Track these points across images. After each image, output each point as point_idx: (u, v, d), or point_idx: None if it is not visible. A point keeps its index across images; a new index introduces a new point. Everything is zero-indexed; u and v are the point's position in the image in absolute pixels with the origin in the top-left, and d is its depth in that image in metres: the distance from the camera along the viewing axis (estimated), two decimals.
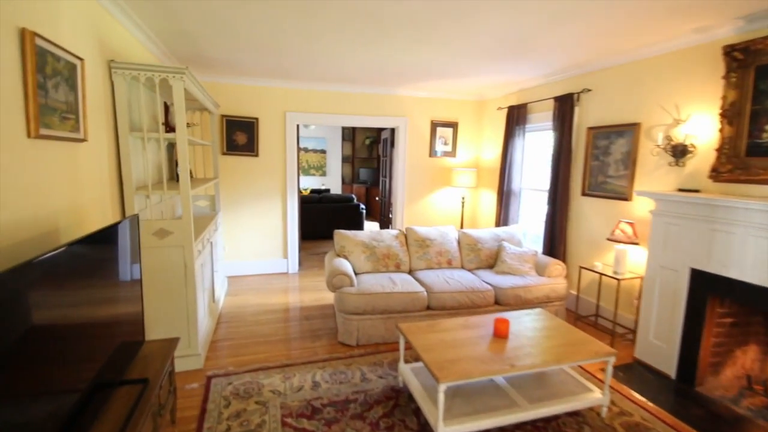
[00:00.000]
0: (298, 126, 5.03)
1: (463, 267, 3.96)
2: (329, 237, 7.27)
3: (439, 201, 5.70)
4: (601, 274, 3.38)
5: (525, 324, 2.62)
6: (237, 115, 4.71)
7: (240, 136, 4.74)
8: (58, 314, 1.36)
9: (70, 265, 1.42)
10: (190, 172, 3.85)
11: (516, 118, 4.72)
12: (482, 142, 5.65)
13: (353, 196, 7.44)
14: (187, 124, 3.31)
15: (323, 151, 10.31)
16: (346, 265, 3.46)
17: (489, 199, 5.49)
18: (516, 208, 4.81)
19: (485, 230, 4.19)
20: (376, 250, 3.74)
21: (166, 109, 2.77)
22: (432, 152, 5.53)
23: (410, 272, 3.82)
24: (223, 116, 4.65)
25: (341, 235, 3.80)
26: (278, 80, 4.72)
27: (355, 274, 3.56)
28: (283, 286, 4.70)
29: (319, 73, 4.32)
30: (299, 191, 5.19)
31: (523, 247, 4.01)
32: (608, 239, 3.40)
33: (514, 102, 4.85)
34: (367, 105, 5.18)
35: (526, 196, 4.86)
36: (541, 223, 4.64)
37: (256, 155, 4.85)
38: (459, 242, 4.06)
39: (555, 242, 4.11)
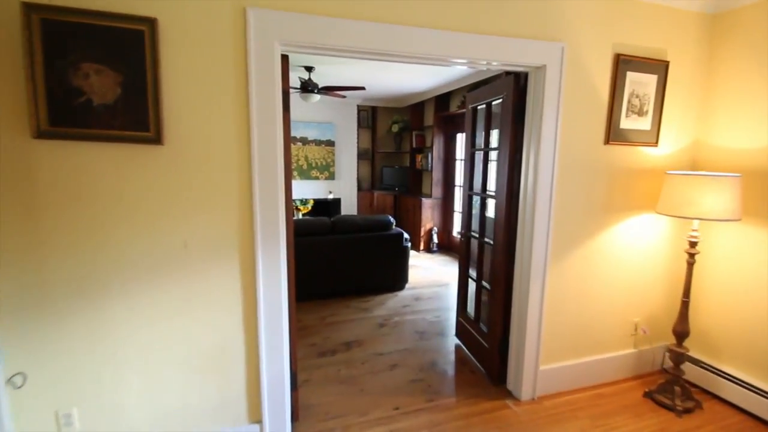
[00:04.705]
0: (286, 59, 1.79)
1: None
2: (348, 294, 4.01)
3: (629, 250, 2.45)
4: None
5: None
6: (79, 6, 1.46)
7: (94, 75, 1.48)
8: None
9: None
10: None
11: None
12: (720, 110, 2.40)
13: (391, 219, 4.19)
14: None
15: (330, 143, 7.03)
16: None
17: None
18: None
19: None
20: None
21: None
22: (612, 131, 2.30)
23: None
24: (23, 3, 1.40)
25: None
26: None
27: None
28: None
29: None
30: (291, 221, 1.94)
31: None
32: None
33: None
34: (470, 10, 1.94)
35: None
36: None
37: (157, 140, 1.59)
38: None
39: None
